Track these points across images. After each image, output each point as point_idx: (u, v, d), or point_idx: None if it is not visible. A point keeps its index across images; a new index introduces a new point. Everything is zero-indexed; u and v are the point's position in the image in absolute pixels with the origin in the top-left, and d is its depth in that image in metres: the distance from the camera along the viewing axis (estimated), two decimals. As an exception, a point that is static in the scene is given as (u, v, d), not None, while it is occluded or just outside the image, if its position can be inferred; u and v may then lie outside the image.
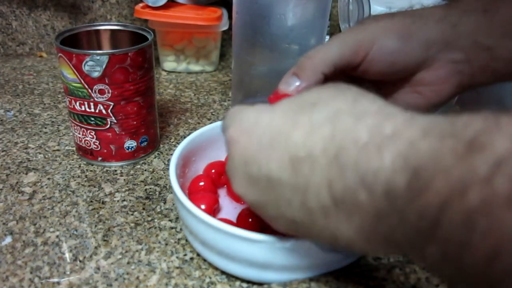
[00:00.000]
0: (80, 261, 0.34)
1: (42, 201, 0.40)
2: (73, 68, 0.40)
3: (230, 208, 0.39)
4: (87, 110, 0.42)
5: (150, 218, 0.38)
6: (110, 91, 0.41)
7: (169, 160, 0.47)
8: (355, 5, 0.51)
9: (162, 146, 0.50)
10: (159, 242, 0.36)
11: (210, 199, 0.36)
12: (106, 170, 0.45)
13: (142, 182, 0.44)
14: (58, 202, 0.40)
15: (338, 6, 0.58)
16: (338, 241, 0.21)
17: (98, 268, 0.33)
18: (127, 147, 0.45)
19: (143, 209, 0.40)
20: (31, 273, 0.32)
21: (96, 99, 0.42)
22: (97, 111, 0.42)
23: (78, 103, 0.42)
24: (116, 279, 0.32)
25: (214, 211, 0.37)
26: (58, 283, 0.32)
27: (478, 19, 0.30)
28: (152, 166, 0.46)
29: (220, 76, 0.71)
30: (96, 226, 0.37)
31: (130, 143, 0.45)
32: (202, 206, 0.35)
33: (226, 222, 0.29)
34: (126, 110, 0.43)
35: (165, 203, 0.41)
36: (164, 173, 0.45)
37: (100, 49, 0.48)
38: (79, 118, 0.43)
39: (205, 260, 0.34)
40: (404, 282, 0.30)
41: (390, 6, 0.61)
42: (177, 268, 0.33)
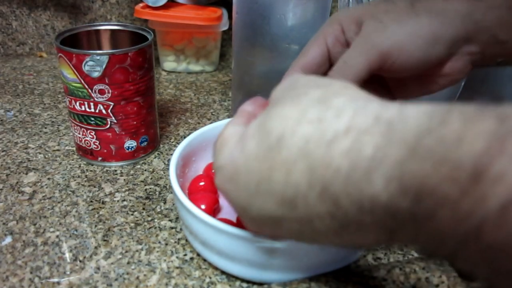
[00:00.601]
0: (80, 261, 0.34)
1: (42, 201, 0.40)
2: (73, 68, 0.40)
3: (230, 208, 0.39)
4: (87, 110, 0.42)
5: (150, 218, 0.38)
6: (110, 91, 0.41)
7: (169, 160, 0.47)
8: (355, 5, 0.51)
9: (162, 146, 0.50)
10: (159, 242, 0.36)
11: (210, 199, 0.36)
12: (106, 170, 0.45)
13: (142, 182, 0.44)
14: (58, 202, 0.40)
15: (338, 6, 0.58)
16: (364, 246, 0.22)
17: (98, 268, 0.33)
18: (127, 147, 0.45)
19: (143, 209, 0.40)
20: (31, 273, 0.32)
21: (96, 99, 0.42)
22: (97, 111, 0.42)
23: (78, 103, 0.42)
24: (116, 279, 0.32)
25: (214, 211, 0.37)
26: (58, 283, 0.32)
27: (501, 16, 0.30)
28: (152, 166, 0.46)
29: (220, 76, 0.71)
30: (96, 226, 0.37)
31: (130, 143, 0.45)
32: (202, 206, 0.35)
33: (226, 222, 0.29)
34: (126, 110, 0.43)
35: (165, 203, 0.41)
36: (164, 173, 0.45)
37: (100, 49, 0.48)
38: (79, 118, 0.43)
39: (205, 260, 0.34)
40: (404, 282, 0.30)
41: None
42: (177, 268, 0.33)
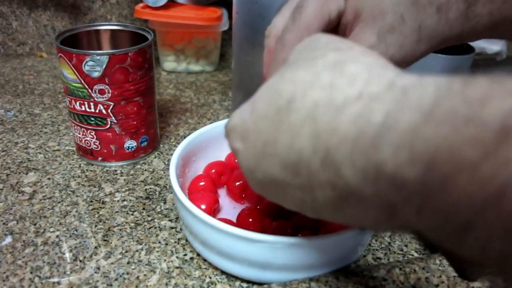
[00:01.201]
0: (80, 261, 0.34)
1: (42, 201, 0.40)
2: (73, 68, 0.40)
3: (230, 208, 0.39)
4: (87, 110, 0.42)
5: (150, 218, 0.38)
6: (110, 91, 0.41)
7: (169, 160, 0.47)
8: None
9: (162, 146, 0.50)
10: (159, 242, 0.36)
11: (210, 199, 0.36)
12: (106, 170, 0.45)
13: (142, 182, 0.44)
14: (58, 202, 0.40)
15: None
16: (363, 225, 0.20)
17: (98, 268, 0.33)
18: (127, 147, 0.45)
19: (143, 209, 0.40)
20: (31, 273, 0.32)
21: (96, 99, 0.42)
22: (97, 111, 0.42)
23: (78, 103, 0.42)
24: (116, 279, 0.32)
25: (214, 211, 0.37)
26: (58, 283, 0.32)
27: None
28: (152, 166, 0.46)
29: (220, 76, 0.71)
30: (96, 226, 0.37)
31: (130, 143, 0.45)
32: (202, 206, 0.35)
33: (226, 222, 0.29)
34: (126, 110, 0.43)
35: (165, 203, 0.41)
36: (164, 173, 0.45)
37: (100, 49, 0.48)
38: (79, 118, 0.43)
39: (205, 260, 0.34)
40: (404, 282, 0.30)
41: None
42: (177, 268, 0.33)
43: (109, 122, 0.43)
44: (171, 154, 0.40)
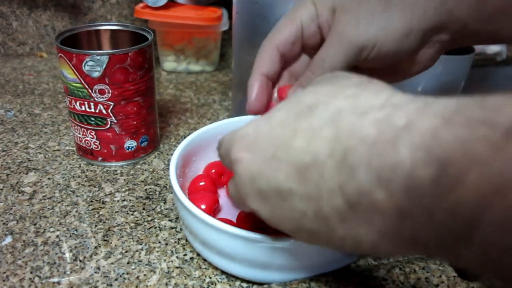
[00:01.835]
0: (80, 261, 0.34)
1: (42, 201, 0.40)
2: (73, 68, 0.40)
3: (230, 208, 0.39)
4: (87, 110, 0.42)
5: (150, 218, 0.38)
6: (110, 91, 0.41)
7: (169, 160, 0.47)
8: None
9: (162, 146, 0.50)
10: (159, 242, 0.36)
11: (210, 199, 0.36)
12: (106, 170, 0.45)
13: (142, 182, 0.44)
14: (58, 202, 0.40)
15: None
16: (362, 247, 0.20)
17: (98, 268, 0.33)
18: (127, 147, 0.45)
19: (143, 209, 0.40)
20: (31, 273, 0.32)
21: (96, 99, 0.42)
22: (97, 111, 0.42)
23: (78, 103, 0.42)
24: (116, 279, 0.32)
25: (214, 211, 0.37)
26: (58, 283, 0.32)
27: (470, 6, 0.31)
28: (152, 166, 0.46)
29: (220, 76, 0.71)
30: (96, 226, 0.37)
31: (130, 143, 0.45)
32: (202, 206, 0.35)
33: (226, 222, 0.29)
34: (126, 110, 0.43)
35: (165, 203, 0.41)
36: (164, 173, 0.45)
37: (100, 49, 0.48)
38: (79, 118, 0.43)
39: (205, 260, 0.34)
40: (404, 282, 0.30)
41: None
42: (177, 268, 0.33)
43: (109, 122, 0.43)
44: (171, 154, 0.40)
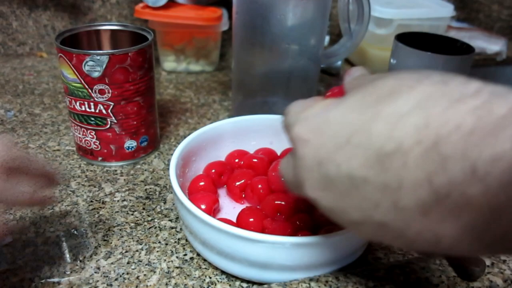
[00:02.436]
0: (80, 261, 0.34)
1: (42, 201, 0.40)
2: (73, 68, 0.40)
3: (230, 208, 0.39)
4: (87, 110, 0.42)
5: (150, 218, 0.38)
6: (110, 91, 0.41)
7: (169, 160, 0.47)
8: (355, 5, 0.51)
9: (162, 146, 0.50)
10: (159, 242, 0.36)
11: (210, 199, 0.36)
12: (106, 170, 0.45)
13: (142, 182, 0.44)
14: (58, 202, 0.40)
15: (338, 6, 0.58)
16: (441, 242, 0.18)
17: (98, 268, 0.33)
18: (127, 147, 0.45)
19: (143, 209, 0.40)
20: (31, 273, 0.32)
21: (96, 99, 0.42)
22: (97, 111, 0.42)
23: (78, 103, 0.42)
24: (116, 279, 0.32)
25: (214, 211, 0.37)
26: (58, 283, 0.32)
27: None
28: (152, 166, 0.46)
29: (220, 76, 0.71)
30: (96, 226, 0.37)
31: (130, 143, 0.45)
32: (202, 206, 0.35)
33: (226, 222, 0.29)
34: (126, 110, 0.43)
35: (165, 203, 0.41)
36: (164, 173, 0.45)
37: (100, 49, 0.48)
38: (79, 118, 0.43)
39: (205, 260, 0.34)
40: (404, 282, 0.30)
41: (389, 1, 0.61)
42: (177, 268, 0.33)
43: (109, 122, 0.43)
44: (171, 154, 0.40)
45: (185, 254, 0.35)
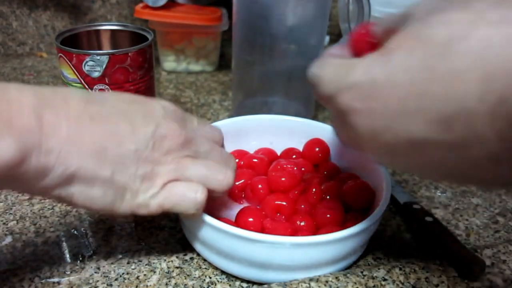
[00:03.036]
0: (80, 261, 0.34)
1: (42, 201, 0.40)
2: (73, 68, 0.40)
3: (230, 208, 0.39)
4: (87, 110, 0.42)
5: (150, 218, 0.38)
6: (110, 91, 0.41)
7: (169, 160, 0.47)
8: (355, 5, 0.51)
9: (162, 146, 0.50)
10: (159, 242, 0.36)
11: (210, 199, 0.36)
12: (106, 170, 0.45)
13: (142, 182, 0.44)
14: (58, 202, 0.40)
15: (338, 6, 0.58)
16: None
17: (98, 268, 0.33)
18: (127, 147, 0.45)
19: (143, 209, 0.40)
20: (31, 273, 0.32)
21: (96, 99, 0.41)
22: (97, 111, 0.42)
23: (78, 103, 0.42)
24: (116, 279, 0.32)
25: (214, 211, 0.37)
26: (58, 283, 0.32)
27: None
28: (152, 166, 0.46)
29: (220, 76, 0.71)
30: (96, 226, 0.37)
31: (130, 143, 0.45)
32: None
33: (226, 222, 0.29)
34: (126, 110, 0.43)
35: (165, 203, 0.40)
36: (164, 173, 0.45)
37: (100, 49, 0.48)
38: (79, 118, 0.43)
39: (205, 260, 0.34)
40: (404, 282, 0.30)
41: (389, 1, 0.61)
42: (177, 268, 0.33)
43: (109, 122, 0.43)
44: (171, 154, 0.40)
45: (185, 254, 0.35)
